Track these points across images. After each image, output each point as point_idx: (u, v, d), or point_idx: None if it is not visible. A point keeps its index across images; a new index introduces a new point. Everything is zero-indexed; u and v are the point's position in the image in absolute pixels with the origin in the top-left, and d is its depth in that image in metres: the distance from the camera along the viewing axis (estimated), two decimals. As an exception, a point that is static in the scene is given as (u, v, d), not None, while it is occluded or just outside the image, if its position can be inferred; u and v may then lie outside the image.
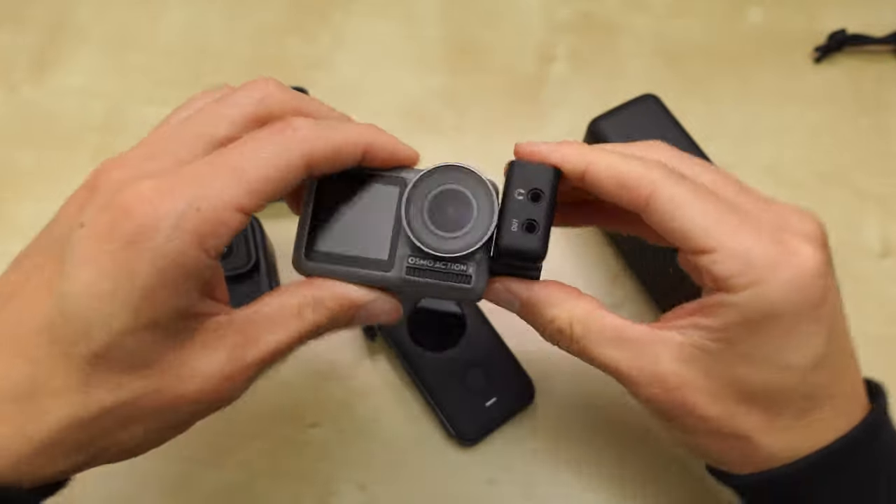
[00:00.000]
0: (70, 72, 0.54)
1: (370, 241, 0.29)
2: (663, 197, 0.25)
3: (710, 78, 0.54)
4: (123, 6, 0.56)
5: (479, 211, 0.28)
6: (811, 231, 0.27)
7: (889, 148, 0.51)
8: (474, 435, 0.40)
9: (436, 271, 0.28)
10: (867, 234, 0.48)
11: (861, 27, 0.54)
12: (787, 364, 0.25)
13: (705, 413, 0.26)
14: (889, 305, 0.46)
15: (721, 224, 0.25)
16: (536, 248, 0.27)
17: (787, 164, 0.50)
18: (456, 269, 0.28)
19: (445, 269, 0.28)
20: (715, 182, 0.27)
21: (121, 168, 0.25)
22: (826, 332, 0.25)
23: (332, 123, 0.27)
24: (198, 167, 0.24)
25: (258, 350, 0.26)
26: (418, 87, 0.53)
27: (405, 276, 0.28)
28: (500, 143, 0.51)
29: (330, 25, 0.56)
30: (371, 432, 0.42)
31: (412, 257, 0.28)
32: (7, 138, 0.51)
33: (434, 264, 0.28)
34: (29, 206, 0.49)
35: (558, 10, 0.57)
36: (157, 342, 0.24)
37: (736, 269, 0.25)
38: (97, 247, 0.23)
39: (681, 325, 0.27)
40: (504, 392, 0.41)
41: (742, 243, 0.25)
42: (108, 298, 0.22)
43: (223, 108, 0.26)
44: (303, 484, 0.41)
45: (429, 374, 0.41)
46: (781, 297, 0.24)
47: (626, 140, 0.40)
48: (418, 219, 0.28)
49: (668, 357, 0.27)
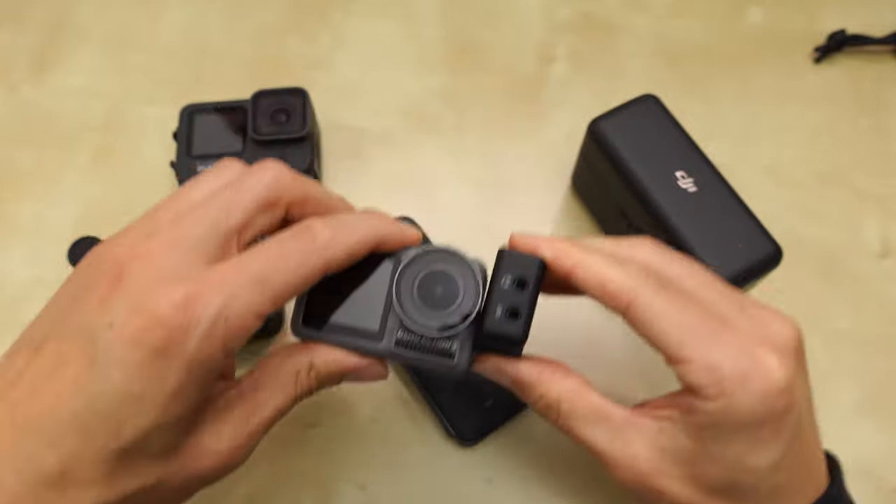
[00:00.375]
0: (70, 72, 0.54)
1: (364, 311, 0.31)
2: (642, 306, 0.27)
3: (710, 78, 0.54)
4: (123, 6, 0.56)
5: (464, 293, 0.30)
6: (786, 341, 0.28)
7: (889, 148, 0.51)
8: (473, 435, 0.40)
9: (422, 347, 0.30)
10: (867, 235, 0.48)
11: (861, 27, 0.54)
12: (750, 467, 0.27)
13: (675, 499, 0.28)
14: (889, 306, 0.46)
15: (696, 337, 0.27)
16: (517, 334, 0.29)
17: (787, 164, 0.50)
18: (441, 345, 0.30)
19: (431, 346, 0.30)
20: (697, 287, 0.29)
21: (146, 260, 0.25)
22: (786, 440, 0.27)
23: (345, 222, 0.29)
24: (225, 274, 0.25)
25: (261, 417, 0.28)
26: (418, 87, 0.53)
27: (393, 348, 0.30)
28: (500, 143, 0.51)
29: (330, 25, 0.56)
30: (371, 432, 0.42)
31: (401, 331, 0.30)
32: (7, 138, 0.51)
33: (421, 339, 0.30)
34: (29, 206, 0.49)
35: (558, 10, 0.57)
36: (179, 432, 0.26)
37: (707, 381, 0.26)
38: (129, 351, 0.24)
39: (658, 416, 0.29)
40: (503, 393, 0.41)
41: (714, 357, 0.26)
42: (138, 401, 0.24)
43: (235, 195, 0.27)
44: (302, 484, 0.41)
45: (429, 375, 0.41)
46: (747, 409, 0.26)
47: (627, 140, 0.41)
48: (408, 296, 0.30)
49: (642, 444, 0.29)
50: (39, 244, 0.47)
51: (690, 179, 0.40)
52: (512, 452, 0.41)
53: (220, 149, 0.46)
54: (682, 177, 0.40)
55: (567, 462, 0.41)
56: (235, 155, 0.46)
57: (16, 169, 0.50)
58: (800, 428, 0.28)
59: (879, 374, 0.44)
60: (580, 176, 0.47)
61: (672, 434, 0.28)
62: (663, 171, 0.40)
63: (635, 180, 0.40)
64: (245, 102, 0.47)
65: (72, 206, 0.48)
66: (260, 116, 0.47)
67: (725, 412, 0.26)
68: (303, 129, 0.46)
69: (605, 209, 0.45)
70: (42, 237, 0.47)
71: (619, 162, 0.41)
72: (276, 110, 0.47)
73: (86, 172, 0.50)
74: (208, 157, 0.46)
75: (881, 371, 0.44)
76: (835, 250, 0.47)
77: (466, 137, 0.51)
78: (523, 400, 0.32)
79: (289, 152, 0.46)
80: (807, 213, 0.48)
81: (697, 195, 0.39)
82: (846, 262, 0.47)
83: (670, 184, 0.40)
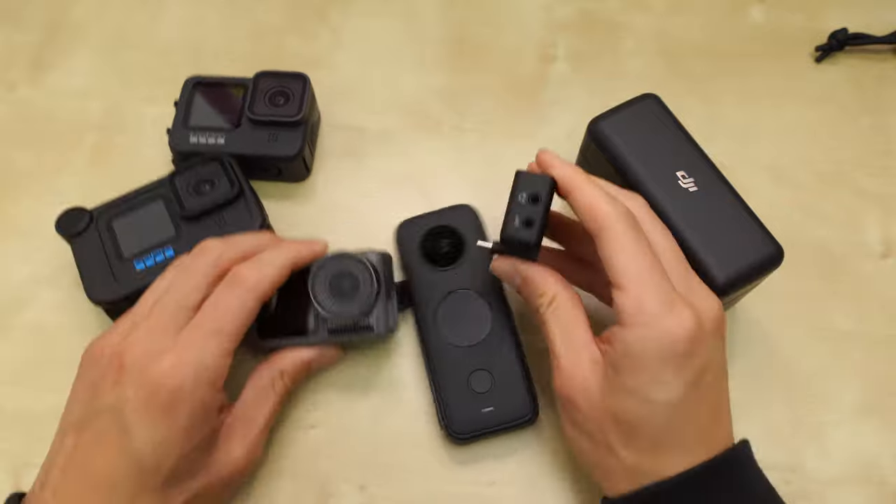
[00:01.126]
0: (68, 71, 0.54)
1: (301, 317, 0.41)
2: (611, 234, 0.33)
3: (710, 77, 0.53)
4: (122, 5, 0.56)
5: (362, 280, 0.39)
6: (707, 311, 0.33)
7: (890, 147, 0.51)
8: (462, 434, 0.40)
9: (347, 329, 0.40)
10: (868, 235, 0.48)
11: (862, 26, 0.54)
12: (649, 398, 0.31)
13: (587, 413, 0.34)
14: (890, 306, 0.45)
15: (638, 274, 0.32)
16: (531, 239, 0.35)
17: (787, 163, 0.50)
18: (361, 323, 0.40)
19: (354, 326, 0.40)
20: (661, 248, 0.34)
21: (136, 346, 0.34)
22: (686, 383, 0.31)
23: (265, 261, 0.38)
24: (192, 337, 0.34)
25: (257, 427, 0.38)
26: (418, 86, 0.53)
27: (328, 336, 0.40)
28: (500, 142, 0.51)
29: (329, 24, 0.56)
30: (371, 433, 0.42)
31: (331, 322, 0.40)
32: (5, 138, 0.51)
33: (344, 324, 0.40)
34: (28, 206, 0.49)
35: (558, 9, 0.56)
36: (201, 455, 0.35)
37: (631, 309, 0.32)
38: (146, 413, 0.32)
39: (602, 346, 0.34)
40: (504, 404, 0.41)
41: (644, 294, 0.32)
42: (164, 444, 0.33)
43: (190, 279, 0.36)
44: (303, 484, 0.40)
45: (440, 361, 0.42)
46: (653, 343, 0.31)
47: (627, 140, 0.41)
48: (325, 295, 0.39)
49: (586, 365, 0.34)
50: (38, 243, 0.47)
51: (691, 179, 0.40)
52: (514, 457, 0.41)
53: (216, 122, 0.46)
54: (683, 177, 0.40)
55: (570, 470, 0.41)
56: (229, 130, 0.46)
57: (14, 168, 0.50)
58: (704, 383, 0.32)
59: (881, 375, 0.44)
60: (580, 176, 0.47)
61: (601, 362, 0.33)
62: (664, 171, 0.40)
63: (635, 180, 0.40)
64: (247, 80, 0.47)
65: (70, 205, 0.48)
66: (259, 96, 0.47)
67: (637, 342, 0.31)
68: (298, 114, 0.46)
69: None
70: (40, 236, 0.47)
71: (620, 162, 0.41)
72: (275, 92, 0.47)
73: (84, 172, 0.50)
74: (203, 130, 0.46)
75: (882, 371, 0.44)
76: (836, 250, 0.47)
77: (466, 137, 0.51)
78: (526, 297, 0.38)
79: (281, 135, 0.46)
80: (808, 212, 0.48)
81: (698, 195, 0.39)
82: (847, 262, 0.47)
83: (671, 184, 0.39)
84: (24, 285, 0.46)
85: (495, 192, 0.48)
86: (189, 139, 0.46)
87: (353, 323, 0.40)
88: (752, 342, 0.44)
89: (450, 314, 0.43)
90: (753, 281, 0.38)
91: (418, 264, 0.44)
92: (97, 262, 0.42)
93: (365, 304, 0.39)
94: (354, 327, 0.40)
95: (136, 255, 0.42)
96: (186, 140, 0.46)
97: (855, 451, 0.42)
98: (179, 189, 0.43)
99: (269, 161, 0.47)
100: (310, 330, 0.40)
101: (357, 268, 0.40)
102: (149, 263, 0.42)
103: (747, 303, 0.44)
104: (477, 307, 0.43)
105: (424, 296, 0.43)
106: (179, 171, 0.44)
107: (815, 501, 0.40)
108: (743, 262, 0.38)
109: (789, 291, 0.45)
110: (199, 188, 0.43)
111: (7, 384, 0.43)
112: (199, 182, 0.44)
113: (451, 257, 0.44)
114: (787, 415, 0.42)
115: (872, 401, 0.43)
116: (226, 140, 0.46)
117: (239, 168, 0.45)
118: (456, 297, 0.43)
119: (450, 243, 0.45)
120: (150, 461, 0.32)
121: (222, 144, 0.46)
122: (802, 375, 0.44)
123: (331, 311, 0.39)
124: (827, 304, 0.46)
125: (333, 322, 0.40)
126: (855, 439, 0.42)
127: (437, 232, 0.45)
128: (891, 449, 0.42)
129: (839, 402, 0.43)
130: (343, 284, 0.39)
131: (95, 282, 0.41)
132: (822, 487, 0.41)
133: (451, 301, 0.43)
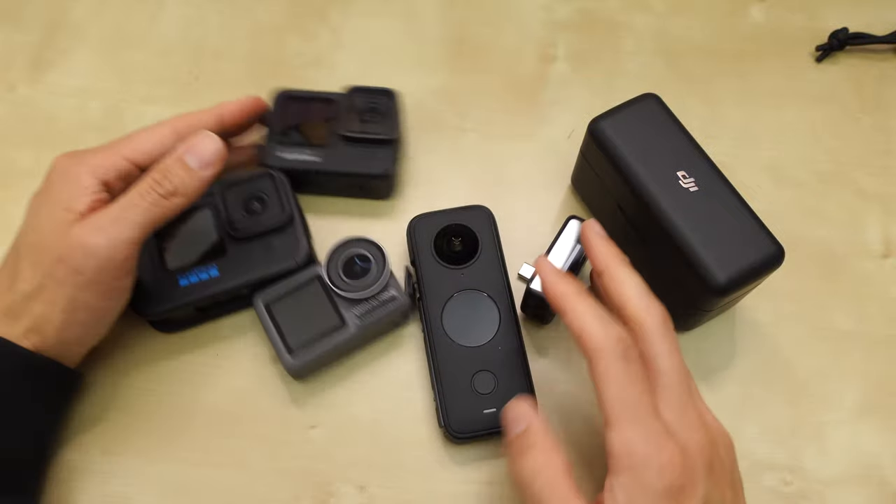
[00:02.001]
0: (68, 71, 0.53)
1: (323, 319, 0.41)
2: (600, 367, 0.31)
3: (711, 77, 0.53)
4: (121, 5, 0.56)
5: (375, 261, 0.42)
6: (695, 446, 0.31)
7: (891, 147, 0.51)
8: (460, 433, 0.40)
9: (375, 308, 0.41)
10: (869, 234, 0.48)
11: (862, 26, 0.54)
12: None
13: None
14: (891, 306, 0.45)
15: (626, 411, 0.31)
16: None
17: (787, 163, 0.50)
18: (383, 297, 0.42)
19: (379, 303, 0.41)
20: (665, 369, 0.32)
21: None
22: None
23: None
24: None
25: (123, 224, 0.37)
26: (418, 86, 0.53)
27: (360, 324, 0.41)
28: (500, 142, 0.51)
29: (329, 24, 0.56)
30: (371, 433, 0.42)
31: (355, 309, 0.41)
32: (5, 138, 0.51)
33: (370, 303, 0.41)
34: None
35: (558, 9, 0.56)
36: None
37: (618, 450, 0.30)
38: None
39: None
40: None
41: (629, 431, 0.30)
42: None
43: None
44: (303, 484, 0.40)
45: (445, 359, 0.41)
46: (643, 489, 0.30)
47: (627, 140, 0.41)
48: (337, 278, 0.41)
49: None
50: (38, 244, 0.47)
51: (691, 179, 0.39)
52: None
53: (308, 139, 0.46)
54: (684, 177, 0.40)
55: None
56: (322, 147, 0.45)
57: (14, 168, 0.50)
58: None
59: (881, 375, 0.44)
60: (580, 175, 0.47)
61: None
62: (664, 171, 0.40)
63: (636, 180, 0.40)
64: (338, 95, 0.47)
65: (70, 205, 0.48)
66: (351, 112, 0.46)
67: (633, 486, 0.30)
68: (393, 133, 0.46)
69: (606, 209, 0.45)
70: (40, 237, 0.47)
71: (620, 162, 0.41)
72: (366, 108, 0.46)
73: (84, 172, 0.50)
74: (295, 146, 0.45)
75: (882, 371, 0.44)
76: (836, 250, 0.47)
77: (466, 137, 0.51)
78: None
79: (374, 153, 0.45)
80: (808, 212, 0.48)
81: (698, 195, 0.39)
82: (848, 262, 0.47)
83: (671, 184, 0.39)
84: (24, 285, 0.46)
85: (495, 192, 0.49)
86: (282, 156, 0.45)
87: (378, 298, 0.41)
88: (752, 342, 0.44)
89: (457, 313, 0.43)
90: (754, 281, 0.38)
91: (429, 260, 0.44)
92: (141, 271, 0.40)
93: (380, 275, 0.41)
94: (381, 303, 0.41)
95: (180, 271, 0.42)
96: (279, 157, 0.45)
97: (855, 451, 0.42)
98: (229, 203, 0.43)
99: (361, 179, 0.46)
100: (337, 327, 0.41)
101: (370, 247, 0.42)
102: (192, 280, 0.41)
103: (747, 303, 0.44)
104: (485, 308, 0.43)
105: (433, 292, 0.43)
106: (231, 183, 0.44)
107: (814, 501, 0.40)
108: (743, 262, 0.38)
109: (789, 291, 0.45)
110: (249, 206, 0.43)
111: (7, 384, 0.43)
112: (250, 198, 0.43)
113: (463, 256, 0.44)
114: (788, 415, 0.42)
115: (872, 401, 0.43)
116: (319, 157, 0.45)
117: (291, 188, 0.44)
118: (465, 296, 0.43)
119: (463, 242, 0.45)
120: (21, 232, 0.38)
121: (316, 162, 0.45)
122: (802, 375, 0.43)
123: (345, 289, 0.41)
124: (827, 303, 0.46)
125: (359, 306, 0.41)
126: (855, 439, 0.42)
127: (452, 230, 0.45)
128: (891, 449, 0.42)
129: (839, 402, 0.43)
130: (354, 266, 0.41)
131: (139, 294, 0.40)
132: (821, 487, 0.41)
133: (459, 300, 0.43)
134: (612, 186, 0.42)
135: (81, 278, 0.36)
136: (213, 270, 0.42)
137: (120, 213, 0.36)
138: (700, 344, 0.44)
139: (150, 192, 0.37)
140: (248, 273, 0.42)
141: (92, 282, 0.36)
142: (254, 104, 0.44)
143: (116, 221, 0.36)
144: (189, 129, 0.40)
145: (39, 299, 0.36)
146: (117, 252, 0.36)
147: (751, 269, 0.38)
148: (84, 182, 0.37)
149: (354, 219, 0.47)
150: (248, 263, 0.42)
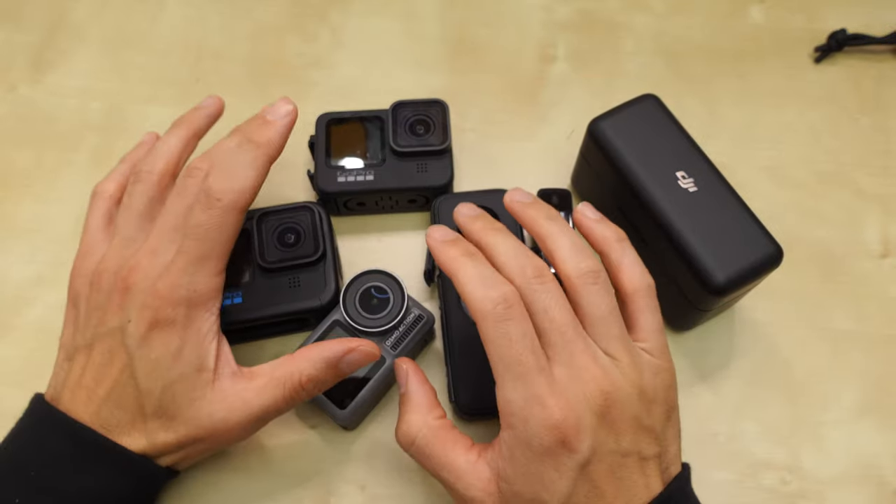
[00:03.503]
0: (69, 71, 0.54)
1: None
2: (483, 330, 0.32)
3: (710, 77, 0.53)
4: (122, 5, 0.56)
5: (390, 289, 0.42)
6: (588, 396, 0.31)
7: (890, 147, 0.51)
8: (469, 408, 0.40)
9: (405, 333, 0.41)
10: (868, 235, 0.48)
11: (861, 27, 0.54)
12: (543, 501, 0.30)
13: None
14: (890, 306, 0.45)
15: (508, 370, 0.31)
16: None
17: (787, 164, 0.50)
18: (408, 319, 0.41)
19: (406, 327, 0.41)
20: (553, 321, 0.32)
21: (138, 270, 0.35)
22: (571, 480, 0.30)
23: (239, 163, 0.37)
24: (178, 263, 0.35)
25: (248, 409, 0.36)
26: (418, 86, 0.53)
27: (395, 353, 0.41)
28: (500, 142, 0.51)
29: (329, 24, 0.56)
30: (371, 433, 0.42)
31: (387, 341, 0.41)
32: (6, 138, 0.51)
33: (399, 330, 0.41)
34: (28, 206, 0.49)
35: (558, 9, 0.56)
36: (186, 390, 0.35)
37: (501, 407, 0.31)
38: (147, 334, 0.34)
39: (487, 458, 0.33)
40: None
41: (512, 394, 0.31)
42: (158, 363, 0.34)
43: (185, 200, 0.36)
44: (303, 484, 0.41)
45: (460, 337, 0.41)
46: (526, 443, 0.30)
47: (627, 140, 0.41)
48: (357, 315, 0.41)
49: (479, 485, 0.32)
50: (38, 244, 0.47)
51: (691, 179, 0.40)
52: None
53: (359, 159, 0.45)
54: (683, 177, 0.40)
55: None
56: (375, 166, 0.45)
57: (15, 168, 0.50)
58: (594, 472, 0.30)
59: (880, 375, 0.44)
60: (580, 176, 0.47)
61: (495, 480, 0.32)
62: (663, 172, 0.40)
63: (635, 180, 0.40)
64: (381, 112, 0.47)
65: (71, 205, 0.48)
66: (399, 127, 0.46)
67: (513, 443, 0.31)
68: (445, 142, 0.45)
69: (605, 209, 0.45)
70: (41, 237, 0.47)
71: (619, 162, 0.41)
72: (415, 121, 0.46)
73: (85, 172, 0.50)
74: (348, 169, 0.45)
75: (882, 371, 0.44)
76: (835, 250, 0.47)
77: (466, 137, 0.51)
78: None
79: (429, 165, 0.45)
80: (807, 213, 0.48)
81: (698, 195, 0.39)
82: (847, 262, 0.47)
83: (670, 184, 0.39)
84: (25, 286, 0.46)
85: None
86: (337, 179, 0.45)
87: (402, 322, 0.41)
88: (751, 342, 0.44)
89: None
90: (753, 281, 0.38)
91: None
92: None
93: (402, 297, 0.41)
94: (411, 327, 0.41)
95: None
96: (334, 181, 0.45)
97: (854, 451, 0.42)
98: (264, 232, 0.42)
99: (420, 192, 0.46)
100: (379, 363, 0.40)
101: (387, 283, 0.42)
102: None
103: (746, 303, 0.44)
104: None
105: None
106: (268, 212, 0.43)
107: (814, 501, 0.40)
108: (743, 262, 0.38)
109: (789, 291, 0.45)
110: (284, 237, 0.42)
111: (8, 385, 0.43)
112: (285, 230, 0.42)
113: None
114: (787, 414, 0.43)
115: (871, 400, 0.43)
116: (374, 176, 0.45)
117: (330, 224, 0.44)
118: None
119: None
120: (145, 384, 0.34)
121: (372, 181, 0.45)
122: (801, 375, 0.44)
123: (359, 323, 0.40)
124: (826, 303, 0.46)
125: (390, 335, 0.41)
126: (854, 439, 0.42)
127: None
128: (890, 449, 0.42)
129: (839, 402, 0.43)
130: (371, 300, 0.41)
131: None
132: (821, 487, 0.41)
133: None
134: (611, 186, 0.42)
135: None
136: (237, 298, 0.41)
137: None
138: (699, 343, 0.44)
139: None
140: (271, 306, 0.41)
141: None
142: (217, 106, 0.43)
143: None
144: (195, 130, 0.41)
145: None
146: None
147: (750, 269, 0.38)
148: None
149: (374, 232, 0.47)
150: (273, 296, 0.41)
